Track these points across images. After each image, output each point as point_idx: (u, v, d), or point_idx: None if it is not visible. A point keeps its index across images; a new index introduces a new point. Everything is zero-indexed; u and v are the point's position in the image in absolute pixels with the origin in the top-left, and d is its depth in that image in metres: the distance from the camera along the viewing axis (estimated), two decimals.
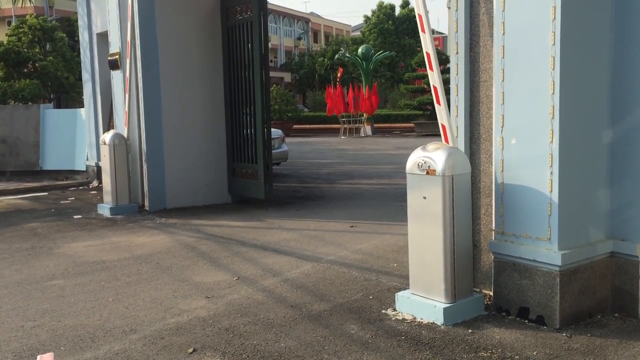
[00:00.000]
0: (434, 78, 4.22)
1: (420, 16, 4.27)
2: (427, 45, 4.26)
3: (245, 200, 9.30)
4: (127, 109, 8.75)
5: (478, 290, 4.46)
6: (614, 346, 3.63)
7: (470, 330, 3.91)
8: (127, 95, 8.75)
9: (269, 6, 8.82)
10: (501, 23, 4.04)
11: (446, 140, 4.20)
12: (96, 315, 4.42)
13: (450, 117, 4.45)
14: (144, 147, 8.81)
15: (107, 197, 8.74)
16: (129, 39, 8.69)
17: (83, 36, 11.81)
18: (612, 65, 4.07)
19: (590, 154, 4.04)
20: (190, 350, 3.73)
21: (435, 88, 4.22)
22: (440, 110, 4.20)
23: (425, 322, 4.06)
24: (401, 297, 4.30)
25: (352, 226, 7.42)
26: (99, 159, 10.97)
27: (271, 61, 54.41)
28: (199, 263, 5.82)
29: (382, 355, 3.58)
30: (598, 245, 4.10)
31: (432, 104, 30.29)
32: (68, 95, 29.69)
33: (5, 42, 26.99)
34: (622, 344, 3.67)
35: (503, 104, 4.07)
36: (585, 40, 3.92)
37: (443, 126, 4.21)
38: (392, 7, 48.68)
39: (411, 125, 29.73)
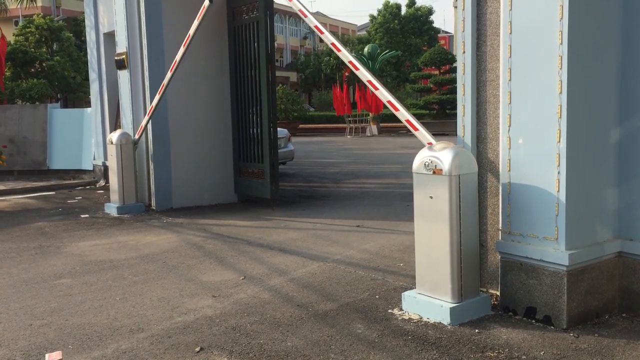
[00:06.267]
0: (383, 94, 4.70)
1: (351, 62, 4.91)
2: (365, 76, 4.82)
3: (251, 200, 9.32)
4: (144, 124, 8.70)
5: (485, 290, 4.45)
6: (621, 346, 3.62)
7: (477, 330, 3.90)
8: (148, 117, 8.69)
9: (274, 6, 8.82)
10: (508, 22, 4.03)
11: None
12: (103, 314, 4.44)
13: (457, 116, 4.46)
14: (150, 146, 8.84)
15: (114, 197, 8.77)
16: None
17: (90, 36, 11.85)
18: (620, 63, 4.06)
19: (598, 153, 4.03)
20: (197, 349, 3.74)
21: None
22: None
23: (432, 321, 4.06)
24: (407, 296, 4.30)
25: (358, 225, 7.42)
26: (106, 158, 11.02)
27: (277, 61, 54.43)
28: (206, 262, 5.83)
29: (389, 355, 3.58)
30: (605, 245, 4.08)
31: (438, 103, 30.07)
32: (75, 94, 29.80)
33: (12, 42, 27.11)
34: (629, 344, 3.65)
35: (510, 103, 4.07)
36: (593, 39, 3.91)
37: (430, 143, 4.33)
38: (398, 7, 48.57)
39: None
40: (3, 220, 8.33)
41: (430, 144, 4.29)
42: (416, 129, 4.52)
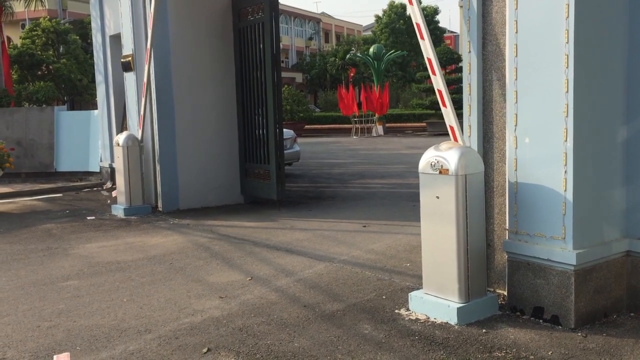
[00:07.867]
0: (438, 82, 4.29)
1: (418, 25, 4.38)
2: (427, 51, 4.35)
3: (257, 201, 9.33)
4: (142, 112, 8.79)
5: (492, 289, 4.44)
6: (629, 346, 3.60)
7: (484, 330, 3.89)
8: (143, 99, 8.77)
9: (280, 6, 8.83)
10: (514, 21, 4.02)
11: (455, 140, 4.21)
12: (111, 315, 4.46)
13: (463, 116, 4.45)
14: (157, 148, 8.86)
15: (121, 198, 8.80)
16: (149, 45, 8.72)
17: (96, 38, 11.89)
18: (627, 61, 4.04)
19: (605, 152, 4.01)
20: (205, 350, 3.75)
21: (439, 91, 4.30)
22: (447, 112, 4.25)
23: (439, 322, 4.05)
24: (414, 296, 4.29)
25: (364, 226, 7.42)
26: (112, 160, 11.06)
27: (282, 61, 54.49)
28: (213, 263, 5.84)
29: (396, 355, 3.58)
30: (613, 244, 4.06)
31: None
32: (81, 97, 29.93)
33: (19, 45, 27.26)
34: (638, 343, 3.63)
35: (516, 102, 4.05)
36: (599, 38, 3.89)
37: (451, 127, 4.24)
38: (404, 6, 48.46)
39: (423, 124, 29.65)
40: (11, 222, 8.38)
41: (451, 127, 4.23)
42: (445, 106, 4.28)
